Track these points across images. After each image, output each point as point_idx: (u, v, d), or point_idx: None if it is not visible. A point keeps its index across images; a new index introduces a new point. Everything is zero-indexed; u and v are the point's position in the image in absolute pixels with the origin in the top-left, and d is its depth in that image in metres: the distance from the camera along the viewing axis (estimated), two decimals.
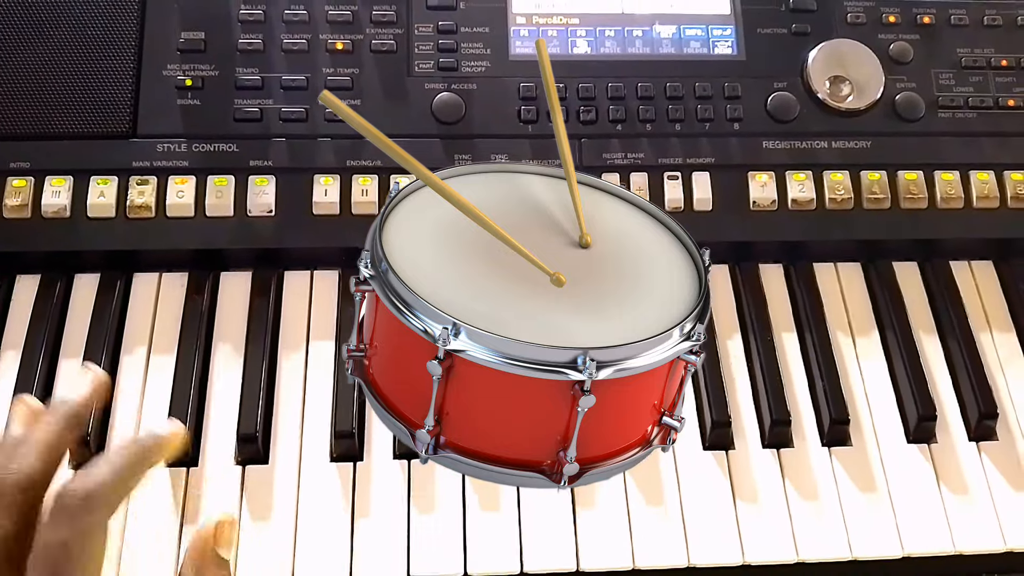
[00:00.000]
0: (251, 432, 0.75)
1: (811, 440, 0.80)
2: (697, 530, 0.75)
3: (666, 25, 0.91)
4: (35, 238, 0.82)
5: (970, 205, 0.88)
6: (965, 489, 0.79)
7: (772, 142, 0.88)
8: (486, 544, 0.74)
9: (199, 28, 0.86)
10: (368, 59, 0.87)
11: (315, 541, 0.73)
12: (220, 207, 0.83)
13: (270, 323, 0.81)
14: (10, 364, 0.79)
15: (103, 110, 0.84)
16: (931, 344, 0.86)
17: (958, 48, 0.92)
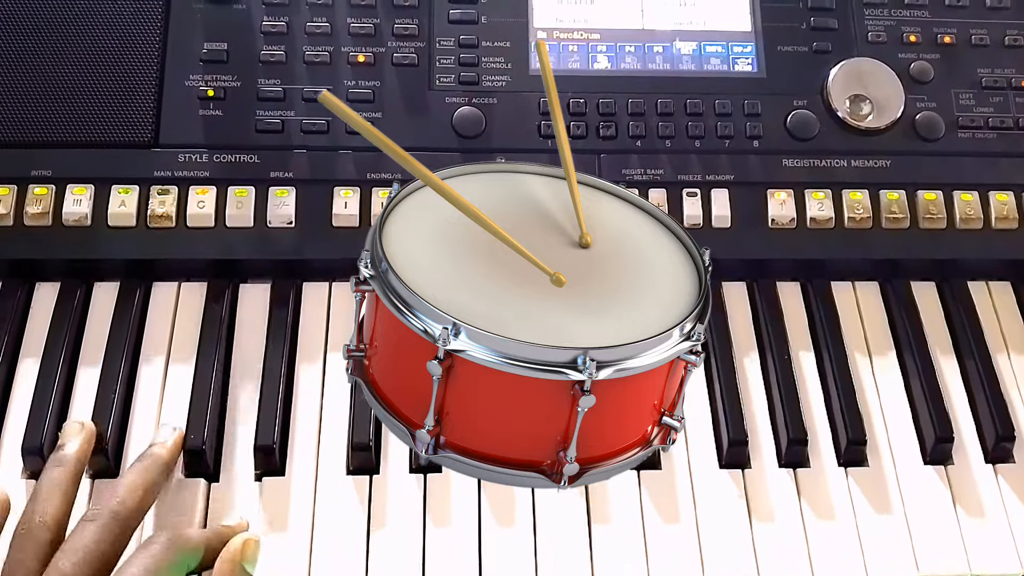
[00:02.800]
0: (268, 444, 0.75)
1: (827, 460, 0.80)
2: (713, 549, 0.75)
3: (686, 42, 0.91)
4: (55, 246, 0.82)
5: (989, 226, 0.88)
6: (982, 511, 0.78)
7: (791, 160, 0.88)
8: (501, 559, 0.74)
9: (222, 39, 0.87)
10: (389, 72, 0.87)
11: (331, 554, 0.73)
12: (240, 218, 0.83)
13: (288, 334, 0.82)
14: (29, 371, 0.79)
15: (125, 119, 0.84)
16: (948, 365, 0.85)
17: (979, 68, 0.92)
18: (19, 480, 0.74)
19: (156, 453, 0.71)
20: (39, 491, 0.67)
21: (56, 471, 0.68)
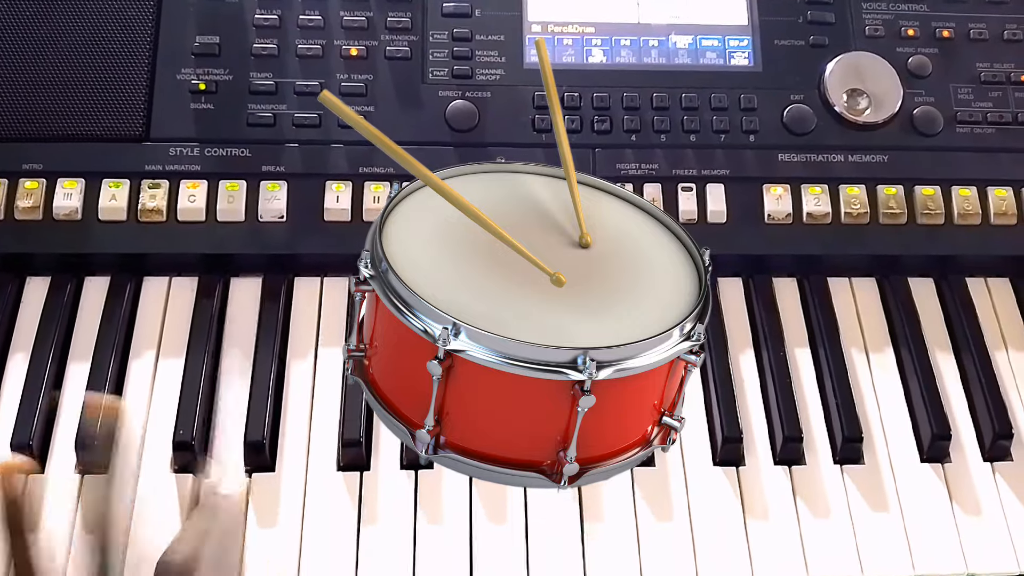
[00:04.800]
0: (259, 439, 0.75)
1: (823, 457, 0.79)
2: (706, 547, 0.74)
3: (682, 35, 0.90)
4: (46, 240, 0.82)
5: (987, 221, 0.87)
6: (978, 510, 0.78)
7: (788, 155, 0.88)
8: (492, 555, 0.73)
9: (214, 32, 0.86)
10: (382, 66, 0.87)
11: (321, 550, 0.72)
12: (231, 212, 0.82)
13: (280, 329, 0.81)
14: (19, 366, 0.79)
15: (116, 113, 0.84)
16: (946, 362, 0.85)
17: (977, 62, 0.91)
18: None
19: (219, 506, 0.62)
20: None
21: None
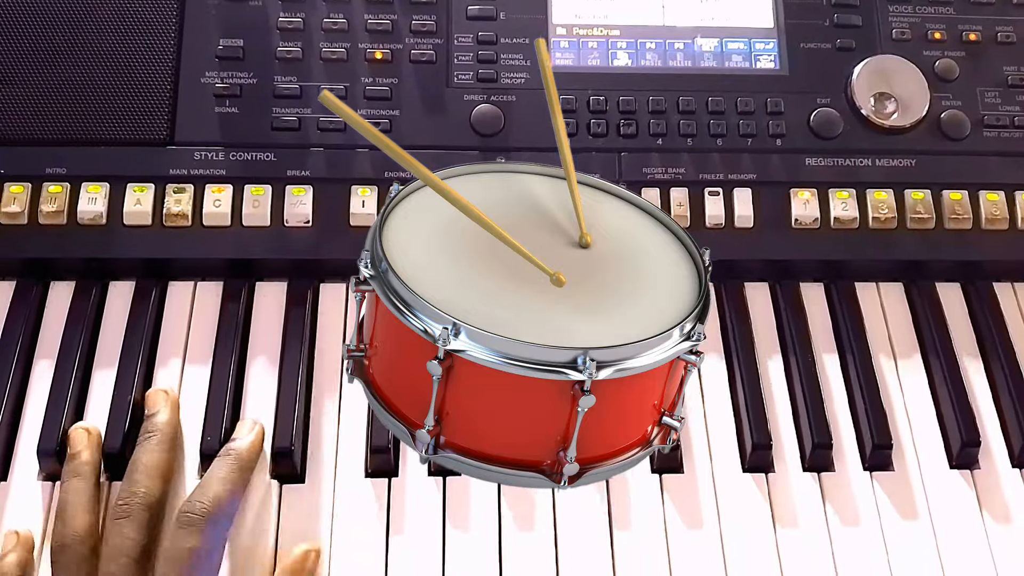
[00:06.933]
0: (286, 447, 0.74)
1: (852, 464, 0.79)
2: (736, 554, 0.74)
3: (708, 38, 0.90)
4: (70, 244, 0.81)
5: (1015, 226, 0.87)
6: (1008, 517, 0.77)
7: (815, 159, 0.87)
8: (521, 563, 0.73)
9: (238, 35, 0.86)
10: (407, 69, 0.86)
11: (349, 557, 0.72)
12: (256, 216, 0.82)
13: (306, 335, 0.81)
14: (44, 372, 0.78)
15: (140, 117, 0.83)
16: (974, 368, 0.84)
17: (1005, 66, 0.91)
18: (35, 482, 0.74)
19: (235, 451, 0.72)
20: (64, 507, 0.67)
21: (75, 482, 0.68)
